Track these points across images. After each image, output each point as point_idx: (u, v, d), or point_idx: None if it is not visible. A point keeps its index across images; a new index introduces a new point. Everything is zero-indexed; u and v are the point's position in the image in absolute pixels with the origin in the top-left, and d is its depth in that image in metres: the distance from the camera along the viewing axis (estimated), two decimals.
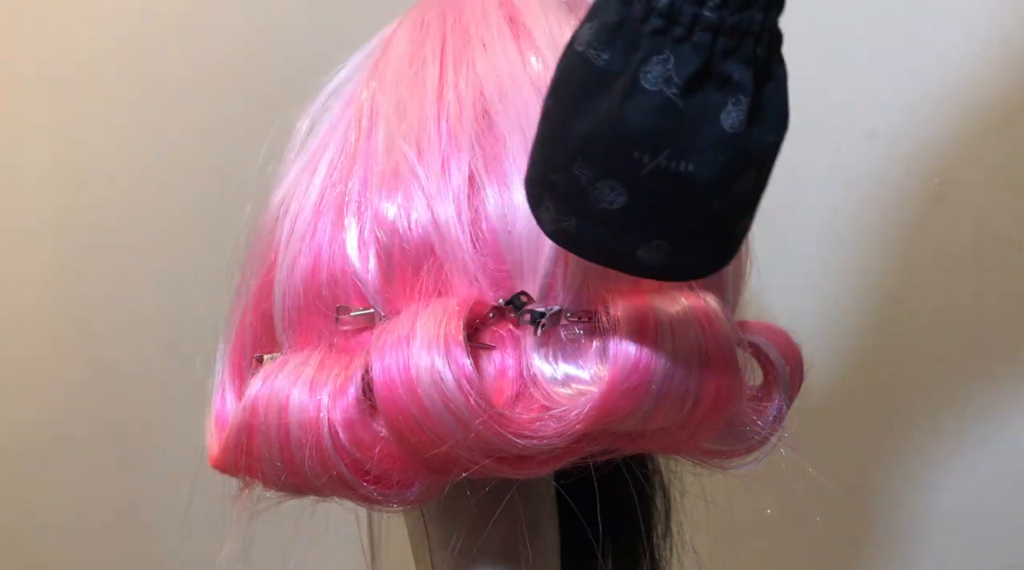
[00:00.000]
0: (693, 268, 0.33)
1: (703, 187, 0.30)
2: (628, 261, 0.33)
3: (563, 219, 0.33)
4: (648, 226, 0.31)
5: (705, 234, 0.32)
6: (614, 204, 0.31)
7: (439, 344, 0.36)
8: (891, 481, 0.78)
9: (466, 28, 0.44)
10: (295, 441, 0.38)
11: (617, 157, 0.30)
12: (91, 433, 0.98)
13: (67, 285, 0.97)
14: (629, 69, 0.29)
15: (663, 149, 0.29)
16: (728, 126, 0.29)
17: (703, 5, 0.28)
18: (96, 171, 0.95)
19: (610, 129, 0.30)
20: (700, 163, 0.30)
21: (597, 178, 0.31)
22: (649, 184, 0.30)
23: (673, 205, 0.31)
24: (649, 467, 0.53)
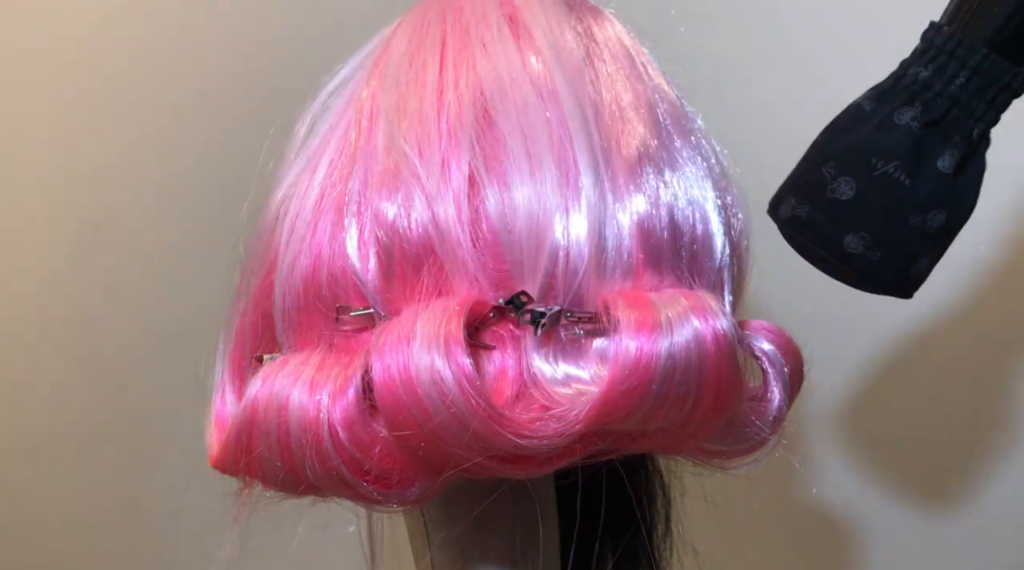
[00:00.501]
0: (874, 275, 0.45)
1: (909, 199, 0.43)
2: (836, 245, 0.45)
3: (799, 207, 0.45)
4: (861, 217, 0.44)
5: (896, 245, 0.44)
6: (844, 195, 0.44)
7: (439, 344, 0.36)
8: (891, 481, 0.78)
9: (466, 28, 0.44)
10: (295, 441, 0.38)
11: (860, 161, 0.44)
12: (90, 433, 0.98)
13: (67, 285, 0.97)
14: (887, 109, 0.44)
15: (894, 160, 0.43)
16: (941, 166, 0.44)
17: (951, 83, 0.44)
18: (96, 171, 0.95)
19: (863, 141, 0.44)
20: (914, 180, 0.43)
21: (839, 174, 0.44)
22: (875, 184, 0.44)
23: (884, 205, 0.44)
24: (649, 467, 0.53)
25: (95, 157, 0.95)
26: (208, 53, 0.92)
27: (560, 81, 0.42)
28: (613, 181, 0.41)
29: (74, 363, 0.98)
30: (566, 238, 0.39)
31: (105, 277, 0.96)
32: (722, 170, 0.46)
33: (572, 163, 0.40)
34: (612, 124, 0.42)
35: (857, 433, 0.78)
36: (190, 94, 0.93)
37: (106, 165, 0.95)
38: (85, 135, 0.95)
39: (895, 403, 0.78)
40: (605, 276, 0.40)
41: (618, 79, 0.44)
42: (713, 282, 0.43)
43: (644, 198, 0.41)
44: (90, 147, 0.95)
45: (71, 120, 0.95)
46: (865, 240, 0.44)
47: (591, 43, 0.45)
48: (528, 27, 0.44)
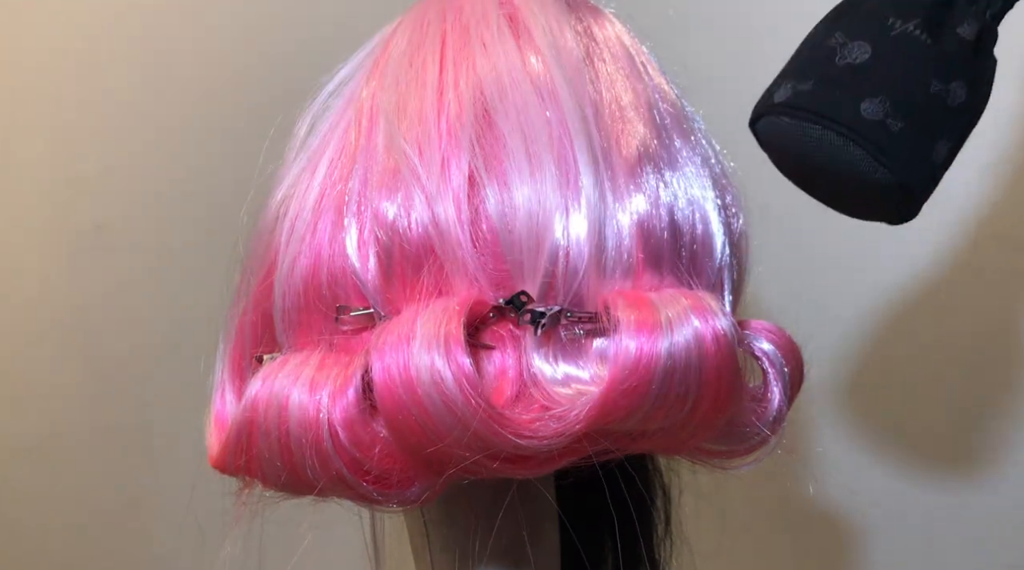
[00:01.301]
0: (896, 150, 0.40)
1: (931, 62, 0.40)
2: (852, 112, 0.40)
3: (800, 84, 0.41)
4: (880, 79, 0.40)
5: (919, 111, 0.40)
6: (857, 60, 0.40)
7: (439, 344, 0.36)
8: (891, 481, 0.78)
9: (466, 28, 0.44)
10: (295, 441, 0.38)
11: (875, 21, 0.40)
12: (90, 433, 0.98)
13: (67, 285, 0.97)
14: None
15: (913, 19, 0.40)
16: (962, 32, 0.40)
17: None
18: (96, 171, 0.95)
19: (880, 6, 0.40)
20: (936, 40, 0.40)
21: (850, 40, 0.41)
22: (893, 43, 0.40)
23: (904, 67, 0.40)
24: (649, 467, 0.53)
25: (95, 158, 0.95)
26: (208, 53, 0.92)
27: (560, 81, 0.42)
28: (613, 181, 0.41)
29: (74, 363, 0.98)
30: (566, 238, 0.39)
31: (105, 277, 0.96)
32: (722, 170, 0.46)
33: (572, 163, 0.40)
34: (612, 124, 0.42)
35: (857, 433, 0.78)
36: (190, 95, 0.93)
37: (106, 166, 0.95)
38: (85, 136, 0.95)
39: (895, 402, 0.78)
40: (605, 276, 0.40)
41: (618, 79, 0.44)
42: (713, 282, 0.43)
43: (644, 198, 0.41)
44: (90, 148, 0.95)
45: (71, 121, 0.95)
46: (885, 105, 0.40)
47: (591, 43, 0.45)
48: (528, 27, 0.44)
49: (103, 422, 0.98)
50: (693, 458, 0.45)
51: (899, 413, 0.78)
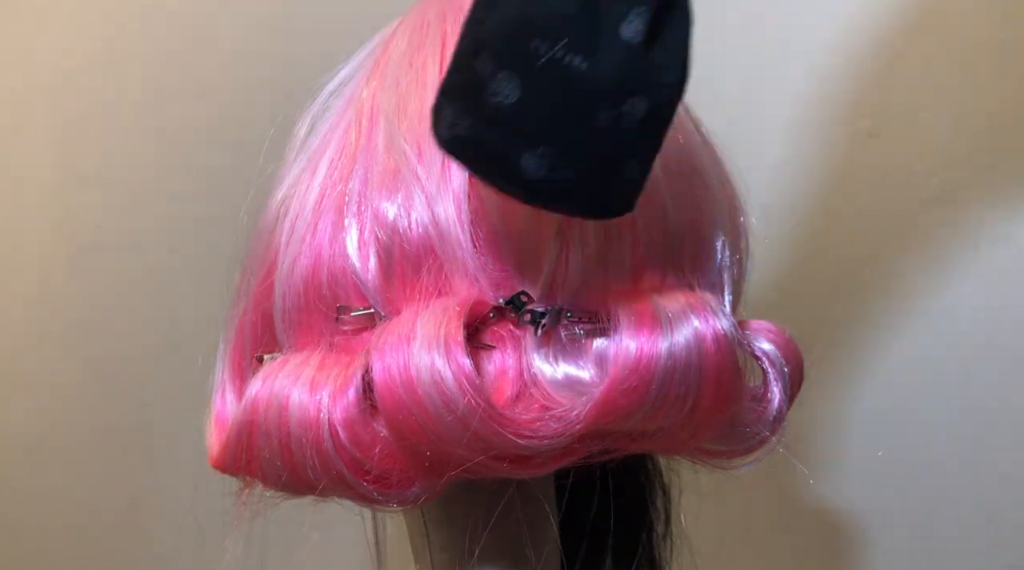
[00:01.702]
0: (574, 196, 0.33)
1: (593, 88, 0.31)
2: (511, 168, 0.33)
3: (458, 122, 0.33)
4: (535, 129, 0.32)
5: (589, 154, 0.32)
6: (509, 98, 0.31)
7: (439, 344, 0.36)
8: (892, 481, 0.78)
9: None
10: (295, 441, 0.38)
11: (518, 44, 0.31)
12: (90, 433, 0.98)
13: (67, 285, 0.97)
14: None
15: (561, 39, 0.31)
16: (627, 35, 0.31)
17: None
18: (96, 171, 0.95)
19: (518, 14, 0.31)
20: (594, 63, 0.31)
21: (497, 70, 0.31)
22: (543, 77, 0.31)
23: (563, 104, 0.31)
24: (650, 467, 0.53)
25: (95, 158, 0.95)
26: (208, 53, 0.92)
27: None
28: None
29: (74, 363, 0.98)
30: (566, 238, 0.39)
31: (105, 277, 0.96)
32: (722, 170, 0.46)
33: None
34: None
35: (857, 433, 0.78)
36: (190, 95, 0.93)
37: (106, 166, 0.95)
38: (85, 136, 0.95)
39: (895, 402, 0.78)
40: (605, 276, 0.40)
41: None
42: (713, 282, 0.43)
43: (645, 198, 0.41)
44: (90, 148, 0.95)
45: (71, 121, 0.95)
46: (547, 158, 0.32)
47: None
48: None
49: (103, 422, 0.98)
50: (693, 458, 0.45)
51: (899, 413, 0.78)
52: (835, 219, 0.77)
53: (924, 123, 0.73)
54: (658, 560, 0.53)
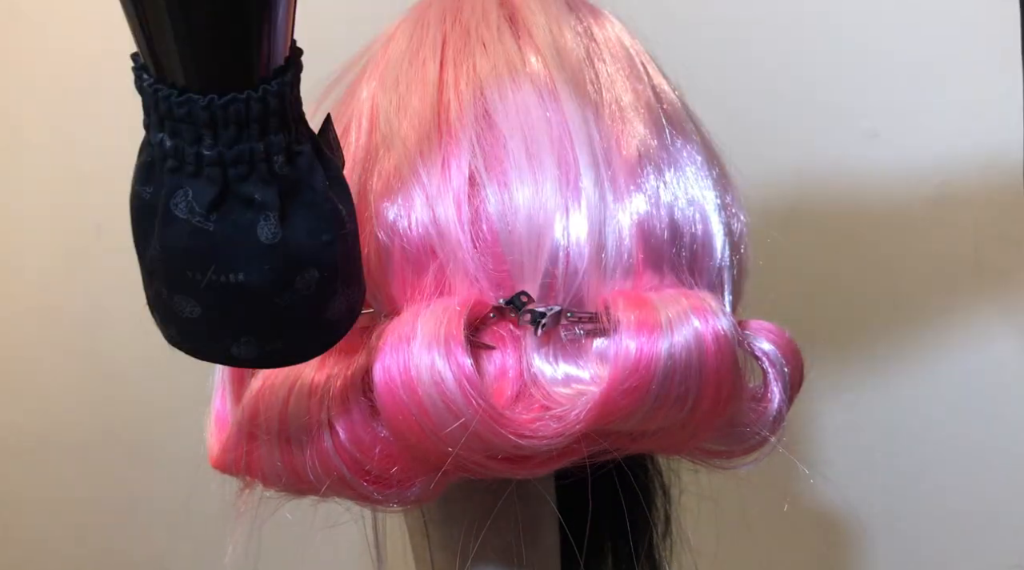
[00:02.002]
0: (290, 354, 0.36)
1: (260, 292, 0.33)
2: (228, 358, 0.35)
3: (167, 328, 0.36)
4: (228, 328, 0.34)
5: (286, 327, 0.35)
6: (193, 314, 0.34)
7: (440, 344, 0.36)
8: (892, 481, 0.78)
9: (466, 28, 0.44)
10: (295, 441, 0.38)
11: (176, 275, 0.33)
12: (91, 433, 0.98)
13: (67, 285, 0.97)
14: (161, 202, 0.33)
15: (209, 266, 0.33)
16: (264, 238, 0.33)
17: (200, 145, 0.32)
18: (96, 171, 0.95)
19: (161, 252, 0.34)
20: (247, 272, 0.33)
21: (172, 293, 0.34)
22: (211, 296, 0.33)
23: (242, 309, 0.34)
24: (650, 467, 0.53)
25: (95, 158, 0.95)
26: None
27: (560, 81, 0.42)
28: (613, 181, 0.41)
29: (74, 363, 0.98)
30: (566, 238, 0.39)
31: (105, 277, 0.96)
32: (722, 170, 0.46)
33: (572, 163, 0.40)
34: (612, 124, 0.42)
35: (857, 433, 0.78)
36: None
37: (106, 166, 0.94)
38: (85, 135, 0.95)
39: (895, 402, 0.78)
40: (605, 276, 0.40)
41: (618, 79, 0.44)
42: (713, 282, 0.43)
43: (644, 198, 0.41)
44: (90, 147, 0.95)
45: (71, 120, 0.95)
46: (252, 344, 0.34)
47: (591, 43, 0.45)
48: (528, 27, 0.44)
49: (103, 422, 0.98)
50: (693, 458, 0.45)
51: (899, 413, 0.77)
52: (835, 219, 0.77)
53: (924, 123, 0.73)
54: (658, 560, 0.53)
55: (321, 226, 0.34)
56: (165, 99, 0.32)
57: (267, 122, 0.32)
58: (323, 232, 0.34)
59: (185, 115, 0.31)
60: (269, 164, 0.32)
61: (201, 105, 0.31)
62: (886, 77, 0.74)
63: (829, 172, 0.76)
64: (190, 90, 0.31)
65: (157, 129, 0.33)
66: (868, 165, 0.75)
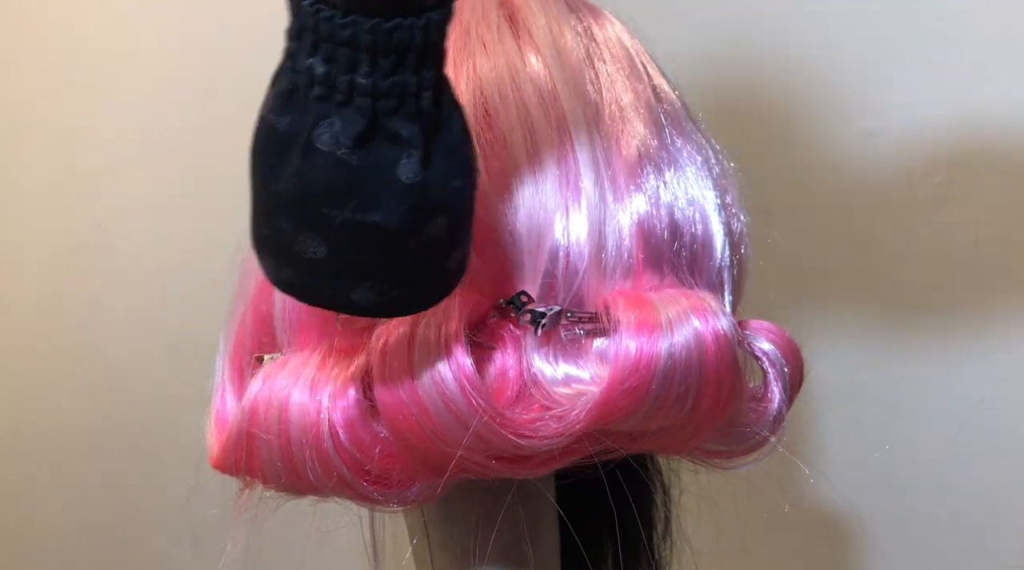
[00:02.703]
0: (408, 303, 0.35)
1: (394, 233, 0.32)
2: (346, 304, 0.34)
3: (281, 271, 0.34)
4: (353, 271, 0.33)
5: (410, 273, 0.34)
6: (318, 254, 0.33)
7: (440, 344, 0.36)
8: (892, 481, 0.78)
9: (466, 28, 0.44)
10: (295, 442, 0.38)
11: (309, 212, 0.32)
12: (91, 433, 0.98)
13: (67, 285, 0.97)
14: (303, 132, 0.32)
15: (348, 203, 0.32)
16: (405, 177, 0.32)
17: (355, 73, 0.31)
18: (96, 171, 0.95)
19: (297, 187, 0.32)
20: (386, 212, 0.32)
21: (297, 232, 0.33)
22: (343, 235, 0.32)
23: (370, 251, 0.33)
24: (650, 467, 0.53)
25: (95, 158, 0.95)
26: (209, 53, 0.92)
27: (560, 81, 0.42)
28: (613, 181, 0.41)
29: (74, 363, 0.98)
30: (566, 238, 0.39)
31: (105, 277, 0.96)
32: (722, 170, 0.46)
33: (572, 163, 0.40)
34: (612, 124, 0.42)
35: (857, 433, 0.78)
36: (191, 94, 0.93)
37: (106, 166, 0.95)
38: (85, 136, 0.95)
39: (896, 403, 0.78)
40: (605, 276, 0.40)
41: (618, 79, 0.44)
42: (713, 282, 0.43)
43: (644, 198, 0.41)
44: (90, 147, 0.95)
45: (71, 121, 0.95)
46: (373, 289, 0.33)
47: (591, 43, 0.45)
48: (528, 27, 0.44)
49: (103, 422, 0.98)
50: (693, 458, 0.45)
51: (900, 413, 0.78)
52: (835, 219, 0.77)
53: (924, 123, 0.73)
54: (658, 560, 0.53)
55: (455, 170, 0.33)
56: (327, 20, 0.30)
57: (424, 54, 0.31)
58: (456, 177, 0.33)
59: (347, 38, 0.30)
60: (418, 100, 0.31)
61: (366, 28, 0.30)
62: (886, 77, 0.74)
63: (829, 172, 0.76)
64: (354, 13, 0.30)
65: (308, 54, 0.31)
66: (868, 165, 0.75)
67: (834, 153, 0.76)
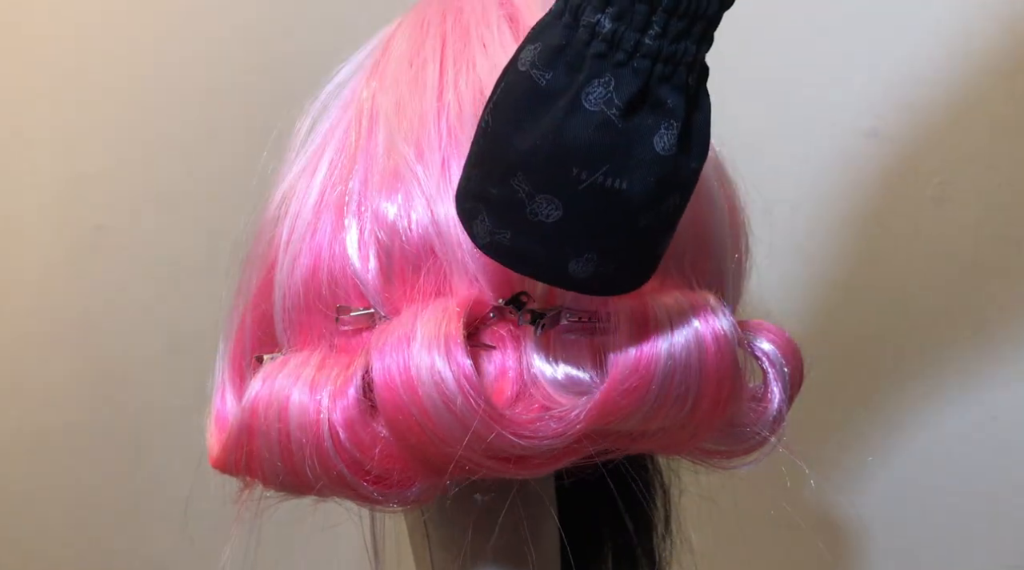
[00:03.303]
0: (618, 283, 0.35)
1: (634, 204, 0.32)
2: (559, 274, 0.34)
3: (498, 232, 0.34)
4: (580, 240, 0.33)
5: (631, 250, 0.34)
6: (550, 218, 0.32)
7: (439, 344, 0.36)
8: (891, 481, 0.78)
9: (466, 28, 0.44)
10: (295, 441, 0.38)
11: (557, 171, 0.32)
12: (90, 433, 0.98)
13: (67, 285, 0.97)
14: (572, 88, 0.31)
15: (601, 165, 0.31)
16: (660, 148, 0.31)
17: (644, 33, 0.30)
18: (96, 171, 0.95)
19: (552, 145, 0.31)
20: (632, 181, 0.31)
21: (536, 192, 0.32)
22: (585, 199, 0.32)
23: (605, 220, 0.32)
24: (650, 468, 0.53)
25: (95, 158, 0.95)
26: (209, 54, 0.92)
27: None
28: None
29: (74, 363, 0.98)
30: None
31: (105, 278, 0.96)
32: (722, 170, 0.46)
33: None
34: None
35: (857, 433, 0.78)
36: (190, 95, 0.93)
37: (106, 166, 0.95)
38: (85, 136, 0.95)
39: (896, 403, 0.78)
40: None
41: None
42: (713, 282, 0.43)
43: None
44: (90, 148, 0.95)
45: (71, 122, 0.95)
46: (592, 262, 0.33)
47: None
48: (528, 27, 0.44)
49: (103, 422, 0.98)
50: (693, 458, 0.45)
51: (899, 413, 0.78)
52: (835, 219, 0.77)
53: (924, 123, 0.73)
54: (658, 560, 0.54)
55: (698, 152, 0.33)
56: None
57: (711, 25, 0.31)
58: (695, 158, 0.33)
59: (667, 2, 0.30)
60: (688, 71, 0.31)
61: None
62: (886, 77, 0.74)
63: (829, 172, 0.76)
64: None
65: (597, 8, 0.30)
66: (868, 165, 0.75)
67: (834, 153, 0.76)
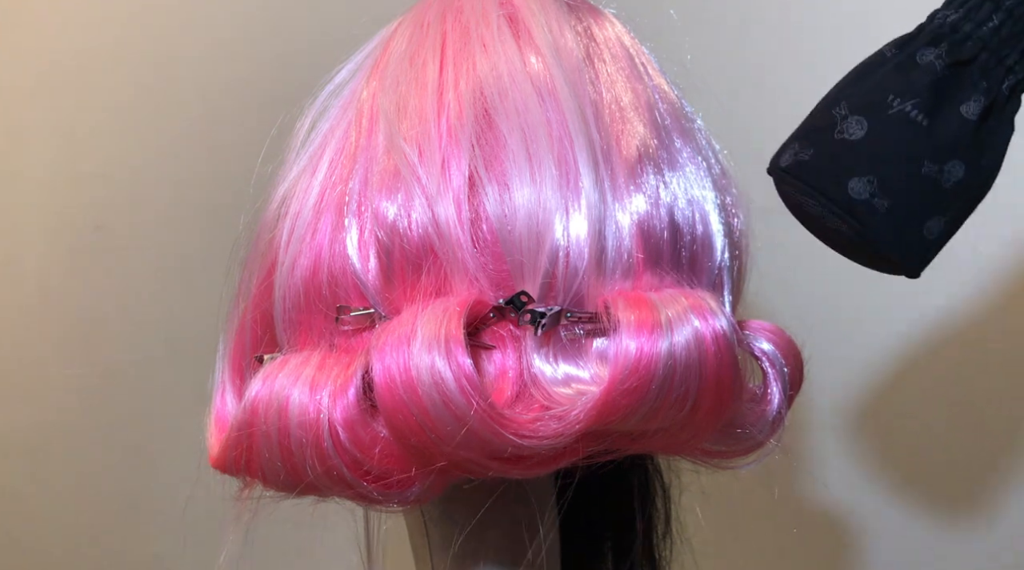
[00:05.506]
0: (880, 226, 0.41)
1: (925, 142, 0.39)
2: (839, 188, 0.41)
3: (803, 152, 0.42)
4: (871, 159, 0.40)
5: (908, 192, 0.40)
6: (854, 136, 0.40)
7: (439, 344, 0.36)
8: (891, 481, 0.78)
9: (466, 28, 0.44)
10: (295, 441, 0.38)
11: (875, 98, 0.40)
12: (91, 433, 0.99)
13: (67, 285, 0.97)
14: (908, 51, 0.41)
15: (912, 98, 0.40)
16: (965, 112, 0.40)
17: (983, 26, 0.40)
18: (96, 171, 0.95)
19: (881, 80, 0.40)
20: (933, 122, 0.39)
21: (850, 114, 0.40)
22: (889, 123, 0.40)
23: (896, 147, 0.40)
24: (650, 468, 0.53)
25: (95, 158, 0.95)
26: (209, 54, 0.92)
27: (560, 81, 0.42)
28: (613, 181, 0.41)
29: (74, 363, 0.98)
30: (566, 238, 0.39)
31: (105, 278, 0.96)
32: (722, 170, 0.46)
33: (572, 163, 0.40)
34: (612, 124, 0.42)
35: (857, 433, 0.78)
36: (191, 95, 0.93)
37: (106, 166, 0.95)
38: (85, 135, 0.95)
39: (895, 403, 0.78)
40: (605, 276, 0.40)
41: (618, 79, 0.44)
42: (713, 282, 0.43)
43: (644, 198, 0.41)
44: (90, 147, 0.95)
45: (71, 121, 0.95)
46: (872, 185, 0.40)
47: (591, 43, 0.45)
48: (528, 27, 0.44)
49: (103, 422, 0.98)
50: (693, 458, 0.45)
51: (900, 414, 0.78)
52: None
53: None
54: (658, 560, 0.53)
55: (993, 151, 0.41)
56: None
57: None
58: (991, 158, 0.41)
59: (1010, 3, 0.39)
60: (1009, 77, 0.40)
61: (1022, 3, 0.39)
62: None
63: None
64: None
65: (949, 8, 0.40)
66: None
67: None
